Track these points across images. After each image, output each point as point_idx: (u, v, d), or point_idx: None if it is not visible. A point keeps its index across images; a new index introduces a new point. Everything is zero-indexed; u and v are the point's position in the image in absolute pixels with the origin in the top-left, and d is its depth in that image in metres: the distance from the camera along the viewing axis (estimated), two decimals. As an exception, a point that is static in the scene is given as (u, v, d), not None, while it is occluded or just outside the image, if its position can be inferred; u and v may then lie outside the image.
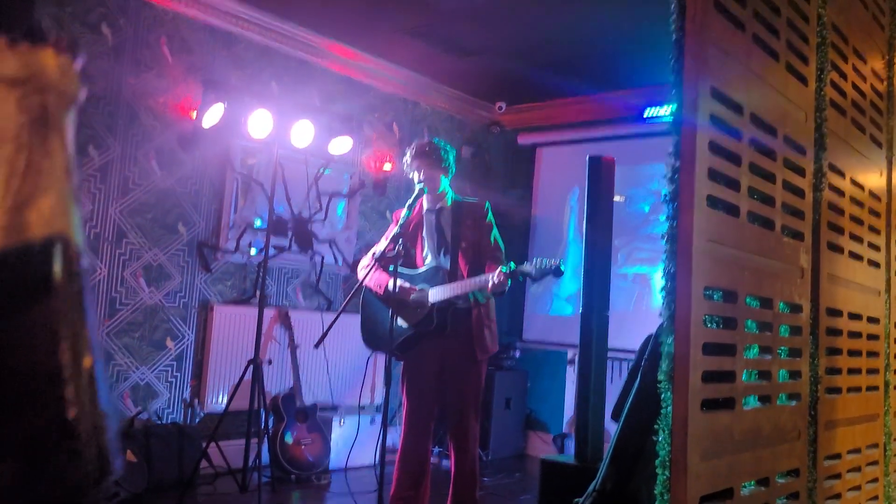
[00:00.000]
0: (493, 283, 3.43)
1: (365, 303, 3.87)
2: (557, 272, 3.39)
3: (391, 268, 3.62)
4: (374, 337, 3.84)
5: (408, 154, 3.85)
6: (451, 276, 3.68)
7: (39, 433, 0.36)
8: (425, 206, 3.88)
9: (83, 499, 0.37)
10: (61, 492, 0.37)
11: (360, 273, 3.80)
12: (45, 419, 0.37)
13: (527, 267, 3.43)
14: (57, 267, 0.39)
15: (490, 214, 3.82)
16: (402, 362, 3.88)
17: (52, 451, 0.36)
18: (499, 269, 3.43)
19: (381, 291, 3.75)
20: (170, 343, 4.76)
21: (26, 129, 0.39)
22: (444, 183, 3.83)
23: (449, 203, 3.84)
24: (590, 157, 3.59)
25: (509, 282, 3.43)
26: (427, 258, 3.80)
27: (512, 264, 3.45)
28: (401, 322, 3.73)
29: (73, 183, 0.41)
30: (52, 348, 0.38)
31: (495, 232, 3.78)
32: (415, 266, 3.82)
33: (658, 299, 1.54)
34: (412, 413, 3.77)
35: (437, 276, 3.68)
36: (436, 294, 3.63)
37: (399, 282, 3.64)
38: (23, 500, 0.35)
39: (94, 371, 0.40)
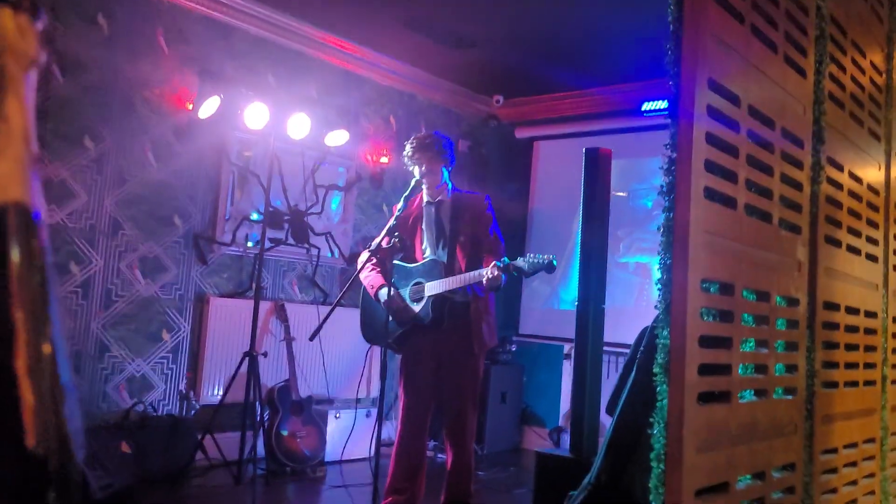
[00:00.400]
0: (488, 277, 3.43)
1: (364, 296, 3.86)
2: (550, 268, 3.39)
3: (392, 261, 3.63)
4: (372, 330, 3.83)
5: (408, 147, 3.83)
6: (449, 269, 3.67)
7: None
8: (425, 199, 3.87)
9: (43, 485, 0.36)
10: (18, 477, 0.35)
11: (358, 267, 3.80)
12: None
13: (520, 262, 3.44)
14: (12, 238, 0.37)
15: (490, 208, 3.81)
16: (399, 356, 3.88)
17: (4, 437, 0.35)
18: (493, 263, 3.43)
19: (372, 293, 3.75)
20: (165, 335, 4.75)
21: None
22: (445, 175, 3.83)
23: (449, 196, 3.83)
24: (586, 150, 3.58)
25: (504, 277, 3.43)
26: (426, 251, 3.79)
27: (506, 259, 3.45)
28: (400, 314, 3.73)
29: (32, 151, 0.39)
30: (4, 321, 0.36)
31: (495, 225, 3.77)
32: (414, 259, 3.81)
33: (657, 291, 1.53)
34: (409, 406, 3.77)
35: (434, 270, 3.67)
36: (432, 288, 3.63)
37: (392, 291, 3.65)
38: None
39: (54, 348, 0.38)
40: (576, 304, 3.51)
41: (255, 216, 5.17)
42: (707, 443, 1.51)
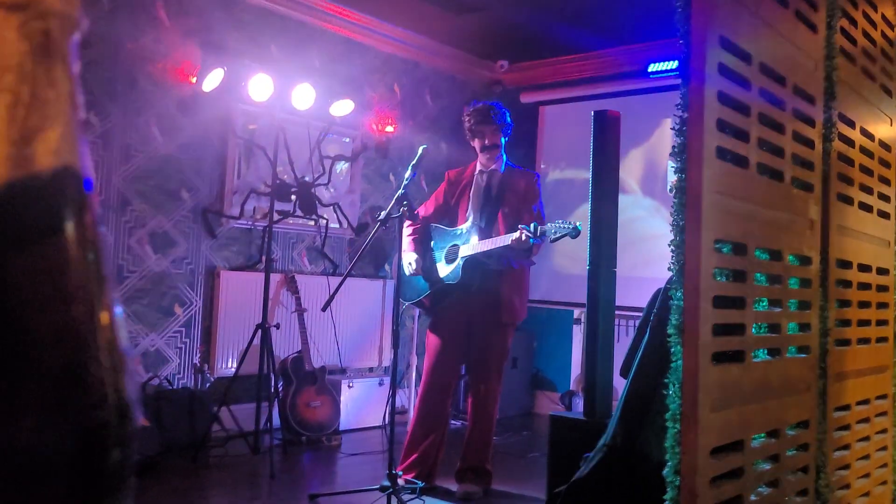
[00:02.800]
0: (514, 238, 3.50)
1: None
2: (574, 232, 3.49)
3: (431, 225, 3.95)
4: (409, 288, 3.95)
5: (469, 119, 3.94)
6: (486, 236, 3.76)
7: (52, 379, 0.35)
8: (478, 167, 3.97)
9: (106, 446, 0.37)
10: (83, 440, 0.36)
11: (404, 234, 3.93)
12: (57, 364, 0.35)
13: (546, 226, 3.54)
14: (67, 199, 0.38)
15: (539, 185, 3.93)
16: (421, 320, 4.00)
17: (67, 397, 0.35)
18: (520, 227, 3.52)
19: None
20: (178, 309, 4.78)
21: (29, 58, 0.37)
22: (503, 144, 3.93)
23: (502, 168, 3.90)
24: (595, 113, 3.55)
25: (532, 241, 3.50)
26: (469, 218, 3.87)
27: (534, 224, 3.52)
28: (432, 274, 3.87)
29: (79, 115, 0.39)
30: (62, 286, 0.37)
31: (540, 203, 3.86)
32: (455, 225, 3.92)
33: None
34: (433, 369, 3.82)
35: (471, 233, 3.81)
36: (465, 250, 3.74)
37: (414, 259, 3.86)
38: (44, 451, 0.35)
39: (111, 313, 0.39)
40: (587, 267, 3.52)
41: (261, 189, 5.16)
42: (722, 402, 1.52)
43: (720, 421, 1.51)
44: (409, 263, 3.85)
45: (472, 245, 3.72)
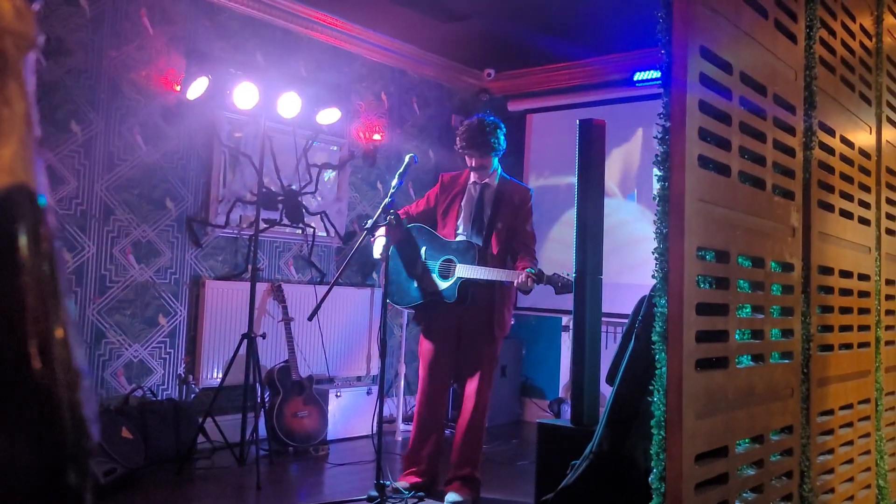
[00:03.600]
0: (519, 281, 3.52)
1: (390, 258, 3.92)
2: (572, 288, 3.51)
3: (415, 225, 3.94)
4: (395, 288, 3.94)
5: (460, 140, 3.95)
6: (483, 253, 3.76)
7: (10, 396, 0.35)
8: (472, 178, 3.98)
9: (64, 465, 0.36)
10: (39, 459, 0.36)
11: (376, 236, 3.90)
12: (13, 381, 0.35)
13: (554, 277, 3.56)
14: (20, 219, 0.37)
15: (531, 201, 3.93)
16: (409, 328, 4.00)
17: (22, 418, 0.35)
18: (527, 271, 3.54)
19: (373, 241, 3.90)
20: (162, 320, 4.75)
21: None
22: (495, 163, 3.94)
23: (496, 182, 3.91)
24: (580, 121, 3.57)
25: (534, 285, 3.52)
26: (459, 229, 3.86)
27: (541, 270, 3.57)
28: (425, 284, 3.85)
29: (34, 133, 0.39)
30: (17, 305, 0.36)
31: (532, 220, 3.86)
32: (444, 230, 3.92)
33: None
34: (430, 376, 3.87)
35: (469, 253, 3.75)
36: (462, 271, 3.73)
37: (383, 245, 3.80)
38: (7, 466, 0.34)
39: (66, 331, 0.39)
40: (573, 274, 3.53)
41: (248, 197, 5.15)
42: (706, 408, 1.52)
43: (705, 427, 1.52)
44: (381, 248, 3.80)
45: (470, 269, 3.71)
